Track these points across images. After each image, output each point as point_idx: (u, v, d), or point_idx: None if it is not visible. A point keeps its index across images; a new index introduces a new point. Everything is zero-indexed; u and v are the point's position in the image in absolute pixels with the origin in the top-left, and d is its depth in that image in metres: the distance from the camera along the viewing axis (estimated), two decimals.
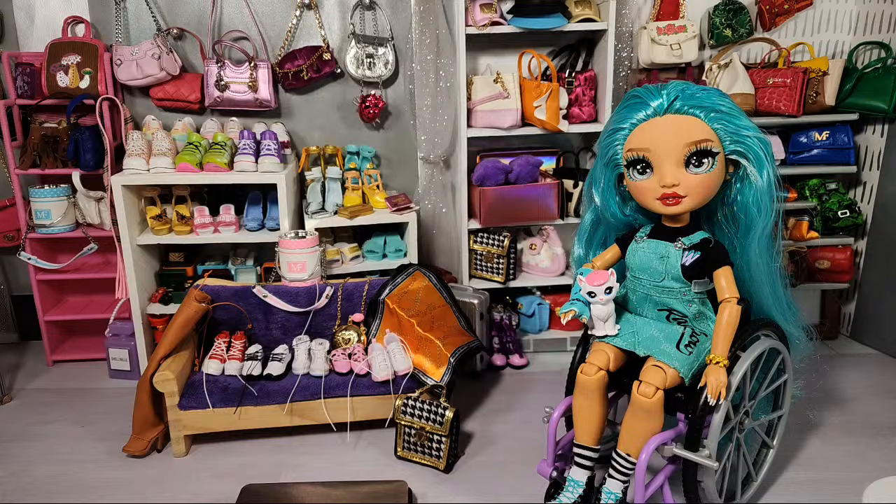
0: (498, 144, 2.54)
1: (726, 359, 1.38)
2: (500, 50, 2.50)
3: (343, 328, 2.14)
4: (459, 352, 1.97)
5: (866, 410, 2.09)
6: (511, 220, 2.43)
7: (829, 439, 1.93)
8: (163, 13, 2.43)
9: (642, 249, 1.50)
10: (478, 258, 2.50)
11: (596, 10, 2.32)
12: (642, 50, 2.45)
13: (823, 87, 2.40)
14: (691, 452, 1.39)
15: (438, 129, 2.42)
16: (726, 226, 1.52)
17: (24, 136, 2.38)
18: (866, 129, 2.54)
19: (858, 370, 2.38)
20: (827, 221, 2.52)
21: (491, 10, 2.28)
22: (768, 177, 1.39)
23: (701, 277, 1.46)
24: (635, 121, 1.43)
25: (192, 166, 2.17)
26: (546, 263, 2.52)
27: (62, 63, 2.28)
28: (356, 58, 2.48)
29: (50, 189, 2.33)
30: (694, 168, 1.38)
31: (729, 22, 2.46)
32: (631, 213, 1.61)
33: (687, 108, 1.37)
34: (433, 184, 2.54)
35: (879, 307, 2.54)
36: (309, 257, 2.14)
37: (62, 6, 2.41)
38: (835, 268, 2.55)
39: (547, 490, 1.59)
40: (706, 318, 1.50)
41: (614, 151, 1.49)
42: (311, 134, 2.60)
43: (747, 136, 1.38)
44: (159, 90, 2.40)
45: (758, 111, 2.42)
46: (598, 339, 1.53)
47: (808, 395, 1.85)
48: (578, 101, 2.38)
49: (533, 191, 2.40)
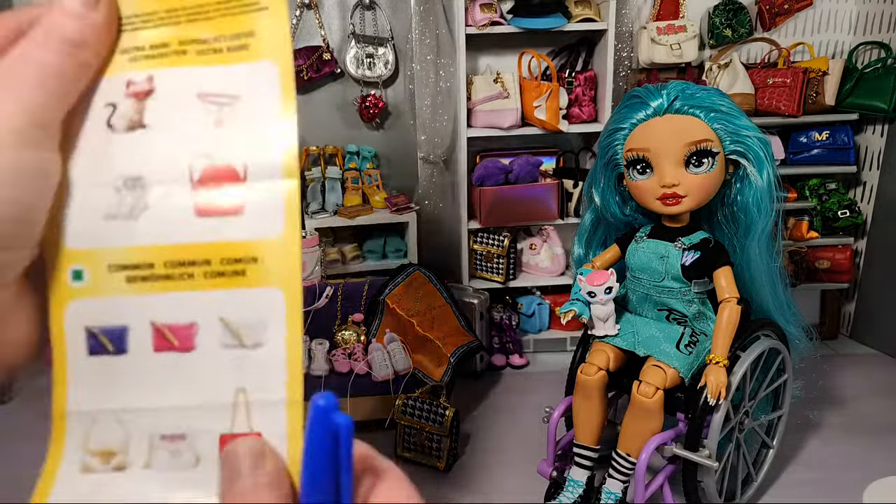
0: (498, 144, 2.54)
1: (726, 359, 1.38)
2: (500, 50, 2.50)
3: (343, 328, 2.14)
4: (459, 352, 1.97)
5: (866, 410, 2.09)
6: (511, 220, 2.43)
7: (829, 439, 1.93)
8: None
9: (642, 249, 1.50)
10: (478, 258, 2.50)
11: (596, 10, 2.32)
12: (642, 50, 2.45)
13: (823, 87, 2.39)
14: (691, 452, 1.39)
15: (438, 129, 2.42)
16: (726, 226, 1.52)
17: None
18: (866, 129, 2.54)
19: (858, 370, 2.38)
20: (827, 221, 2.52)
21: (491, 10, 2.28)
22: (768, 177, 1.39)
23: (701, 277, 1.46)
24: (635, 121, 1.43)
25: None
26: (546, 263, 2.52)
27: None
28: (356, 58, 2.48)
29: None
30: (694, 168, 1.38)
31: (729, 22, 2.46)
32: (631, 213, 1.61)
33: (687, 107, 1.37)
34: (433, 184, 2.54)
35: (879, 307, 2.54)
36: (309, 257, 2.14)
37: None
38: (835, 268, 2.55)
39: (547, 490, 1.59)
40: (706, 318, 1.50)
41: (614, 151, 1.49)
42: (311, 134, 2.60)
43: (747, 136, 1.38)
44: None
45: (758, 111, 2.42)
46: (598, 339, 1.53)
47: (808, 395, 1.85)
48: (578, 101, 2.38)
49: (533, 191, 2.40)
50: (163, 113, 0.27)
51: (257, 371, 0.26)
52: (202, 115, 0.27)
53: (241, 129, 0.27)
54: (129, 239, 0.27)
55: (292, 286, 0.26)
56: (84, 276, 0.27)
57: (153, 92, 0.27)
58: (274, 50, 0.27)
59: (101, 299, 0.27)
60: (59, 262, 0.27)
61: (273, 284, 0.26)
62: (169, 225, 0.26)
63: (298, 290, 0.26)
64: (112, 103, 0.27)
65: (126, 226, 0.27)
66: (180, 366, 0.26)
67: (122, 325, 0.26)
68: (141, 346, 0.26)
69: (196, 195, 0.26)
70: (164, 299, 0.26)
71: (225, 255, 0.26)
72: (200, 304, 0.26)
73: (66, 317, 0.27)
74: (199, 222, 0.26)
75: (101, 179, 0.27)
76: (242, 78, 0.27)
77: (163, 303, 0.26)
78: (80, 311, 0.27)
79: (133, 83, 0.28)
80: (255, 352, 0.26)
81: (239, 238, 0.26)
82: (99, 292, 0.27)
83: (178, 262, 0.26)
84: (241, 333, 0.26)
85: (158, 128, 0.27)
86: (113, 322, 0.26)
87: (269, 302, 0.26)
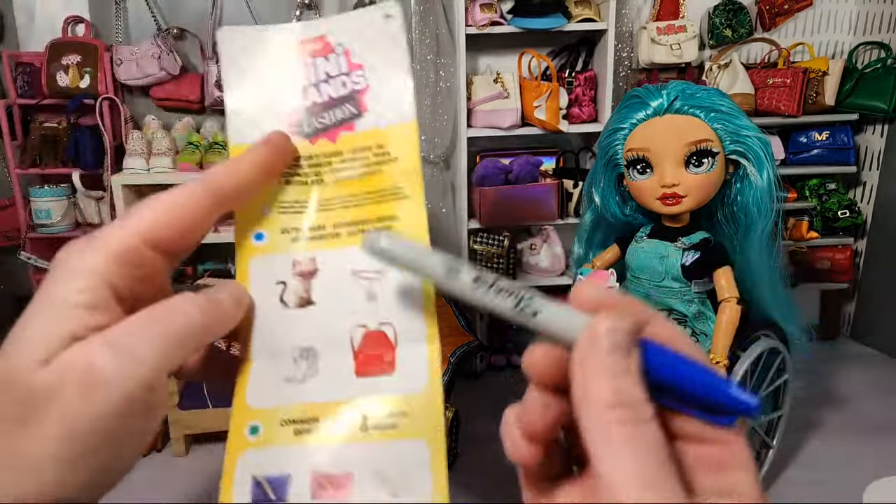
0: (498, 144, 2.54)
1: (726, 359, 1.38)
2: (500, 50, 2.50)
3: None
4: (459, 352, 1.97)
5: (866, 410, 2.09)
6: (511, 220, 2.43)
7: (829, 439, 1.93)
8: (163, 13, 2.43)
9: (642, 249, 1.50)
10: (478, 258, 2.50)
11: (596, 10, 2.32)
12: (642, 50, 2.45)
13: (823, 87, 2.40)
14: None
15: (438, 129, 2.42)
16: (726, 226, 1.52)
17: (24, 135, 2.38)
18: (866, 129, 2.54)
19: (858, 370, 2.38)
20: (827, 221, 2.52)
21: (491, 10, 2.28)
22: (768, 177, 1.39)
23: (701, 277, 1.46)
24: (635, 121, 1.43)
25: (192, 166, 2.17)
26: (546, 263, 2.52)
27: (62, 63, 2.28)
28: None
29: (50, 189, 2.33)
30: (694, 168, 1.38)
31: (729, 22, 2.46)
32: (631, 213, 1.61)
33: (687, 107, 1.37)
34: (433, 184, 2.54)
35: (879, 307, 2.54)
36: None
37: (62, 6, 2.41)
38: (835, 268, 2.55)
39: None
40: (706, 318, 1.50)
41: (614, 151, 1.49)
42: None
43: (747, 136, 1.38)
44: (159, 90, 2.40)
45: (758, 111, 2.42)
46: None
47: (808, 395, 1.85)
48: (578, 101, 2.38)
49: (533, 191, 2.40)
50: (326, 290, 0.32)
51: None
52: (357, 289, 0.31)
53: (391, 299, 0.31)
54: (300, 397, 0.30)
55: (437, 438, 0.29)
56: (259, 430, 0.30)
57: (317, 272, 0.32)
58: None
59: (269, 449, 0.29)
60: (239, 419, 0.30)
61: (420, 436, 0.29)
62: (334, 385, 0.30)
63: (443, 442, 0.29)
64: (282, 281, 0.32)
65: (299, 388, 0.30)
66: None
67: (286, 473, 0.29)
68: (300, 494, 0.28)
69: (356, 359, 0.31)
70: (324, 450, 0.29)
71: (379, 410, 0.29)
72: (356, 455, 0.29)
73: (237, 466, 0.29)
74: (358, 382, 0.30)
75: (279, 350, 0.31)
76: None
77: (323, 454, 0.29)
78: (250, 460, 0.29)
79: (298, 263, 0.32)
80: (402, 501, 0.28)
81: (391, 394, 0.29)
82: (269, 444, 0.29)
83: (338, 416, 0.29)
84: (391, 482, 0.28)
85: (324, 303, 0.31)
86: (277, 472, 0.29)
87: (417, 452, 0.29)
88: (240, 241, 0.33)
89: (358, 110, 0.33)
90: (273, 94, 0.34)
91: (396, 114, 0.33)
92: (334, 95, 0.34)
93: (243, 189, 0.31)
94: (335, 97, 0.34)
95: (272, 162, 0.32)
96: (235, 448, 0.29)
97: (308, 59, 0.34)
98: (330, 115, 0.33)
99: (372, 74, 0.33)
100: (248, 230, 0.33)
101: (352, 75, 0.34)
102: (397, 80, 0.33)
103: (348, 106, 0.34)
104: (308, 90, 0.34)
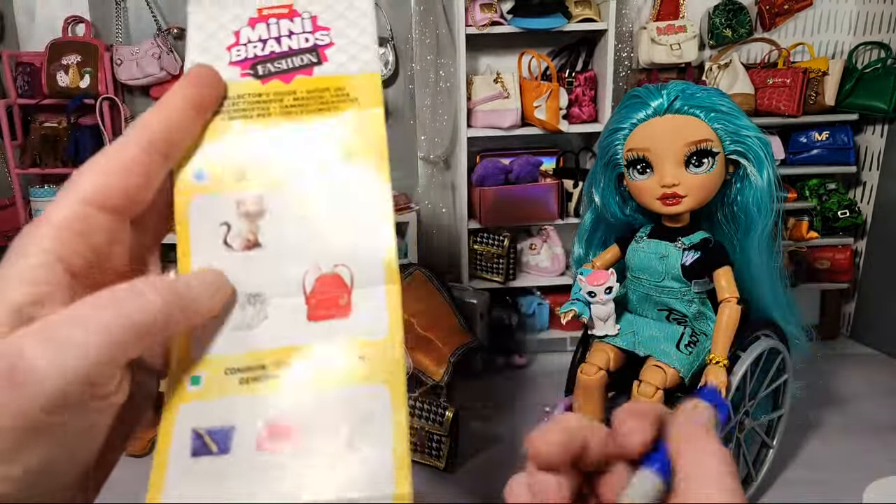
0: (498, 144, 2.54)
1: (726, 359, 1.38)
2: (500, 50, 2.50)
3: None
4: (459, 351, 1.97)
5: (866, 410, 2.09)
6: (511, 220, 2.43)
7: (829, 439, 1.93)
8: (163, 13, 2.43)
9: (642, 249, 1.50)
10: (478, 258, 2.50)
11: (596, 10, 2.32)
12: (642, 50, 2.45)
13: (823, 88, 2.40)
14: None
15: (438, 129, 2.42)
16: (726, 226, 1.52)
17: (24, 135, 2.38)
18: (866, 130, 2.54)
19: (858, 370, 2.38)
20: (827, 221, 2.52)
21: (491, 10, 2.28)
22: (768, 177, 1.39)
23: (701, 277, 1.46)
24: (635, 121, 1.43)
25: None
26: (546, 263, 2.52)
27: (62, 63, 2.28)
28: None
29: (51, 189, 2.33)
30: (694, 168, 1.39)
31: (729, 22, 2.46)
32: (631, 213, 1.61)
33: (687, 107, 1.37)
34: (433, 184, 2.54)
35: (879, 307, 2.54)
36: None
37: (62, 6, 2.41)
38: (835, 268, 2.55)
39: None
40: (706, 317, 1.50)
41: (614, 151, 1.49)
42: None
43: (747, 136, 1.38)
44: (160, 90, 2.40)
45: (758, 111, 2.42)
46: (599, 338, 1.53)
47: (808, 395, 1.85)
48: (578, 101, 2.38)
49: (533, 191, 2.40)
50: (274, 231, 0.29)
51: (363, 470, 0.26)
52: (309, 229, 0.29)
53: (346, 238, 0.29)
54: (247, 345, 0.28)
55: (397, 382, 0.27)
56: (201, 381, 0.28)
57: (264, 212, 0.30)
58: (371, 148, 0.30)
59: (212, 401, 0.28)
60: (179, 370, 0.29)
61: (377, 382, 0.27)
62: (284, 330, 0.28)
63: (403, 386, 0.27)
64: (226, 222, 0.30)
65: (246, 335, 0.28)
66: (284, 465, 0.26)
67: (229, 425, 0.27)
68: (245, 446, 0.27)
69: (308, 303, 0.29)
70: (273, 399, 0.27)
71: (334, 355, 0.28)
72: (308, 403, 0.27)
73: (176, 419, 0.28)
74: (311, 327, 0.28)
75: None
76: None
77: (272, 403, 0.27)
78: (191, 413, 0.28)
79: (243, 202, 0.30)
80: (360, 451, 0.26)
81: (347, 338, 0.28)
82: (212, 395, 0.28)
83: (289, 363, 0.28)
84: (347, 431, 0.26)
85: (272, 245, 0.29)
86: (220, 423, 0.27)
87: (375, 398, 0.27)
88: (178, 182, 0.31)
89: (318, 60, 0.32)
90: (231, 46, 0.32)
91: (360, 65, 0.32)
92: (295, 47, 0.32)
93: (174, 127, 0.29)
94: (296, 48, 0.32)
95: (200, 95, 0.30)
96: (175, 401, 0.28)
97: (273, 21, 0.33)
98: (288, 61, 0.32)
99: (338, 36, 0.32)
100: (186, 170, 0.31)
101: (316, 34, 0.33)
102: (363, 39, 0.32)
103: (308, 56, 0.32)
104: (268, 42, 0.32)
